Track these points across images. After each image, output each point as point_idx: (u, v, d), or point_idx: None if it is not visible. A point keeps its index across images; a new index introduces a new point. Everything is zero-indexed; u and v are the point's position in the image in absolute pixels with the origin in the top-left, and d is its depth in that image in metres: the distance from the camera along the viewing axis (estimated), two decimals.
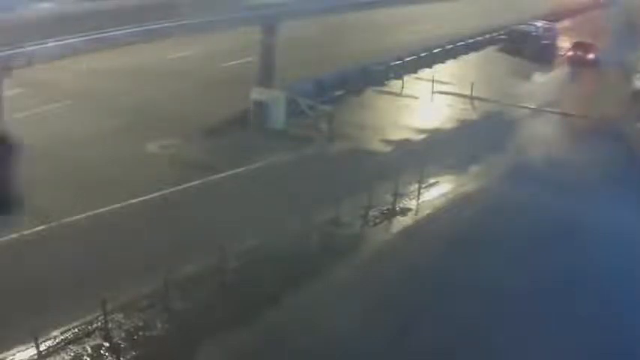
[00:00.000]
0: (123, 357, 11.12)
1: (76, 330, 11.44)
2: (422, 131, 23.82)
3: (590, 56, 36.63)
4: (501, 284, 13.90)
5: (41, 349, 10.88)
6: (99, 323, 11.56)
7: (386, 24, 41.91)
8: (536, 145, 22.95)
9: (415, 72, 31.76)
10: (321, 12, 37.92)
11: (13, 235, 13.81)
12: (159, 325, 11.89)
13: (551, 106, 28.38)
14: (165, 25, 22.22)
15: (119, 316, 11.88)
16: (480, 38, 40.75)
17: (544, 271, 14.69)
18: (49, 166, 16.87)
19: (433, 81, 29.44)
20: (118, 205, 15.53)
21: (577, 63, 36.58)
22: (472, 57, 37.77)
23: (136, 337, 11.53)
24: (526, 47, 38.06)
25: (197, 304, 12.58)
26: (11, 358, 10.78)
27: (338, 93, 26.74)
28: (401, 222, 16.90)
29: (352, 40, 35.58)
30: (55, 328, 11.35)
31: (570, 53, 37.60)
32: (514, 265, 14.68)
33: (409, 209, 17.49)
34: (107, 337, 11.38)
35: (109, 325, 11.55)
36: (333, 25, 37.63)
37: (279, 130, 21.94)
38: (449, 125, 25.08)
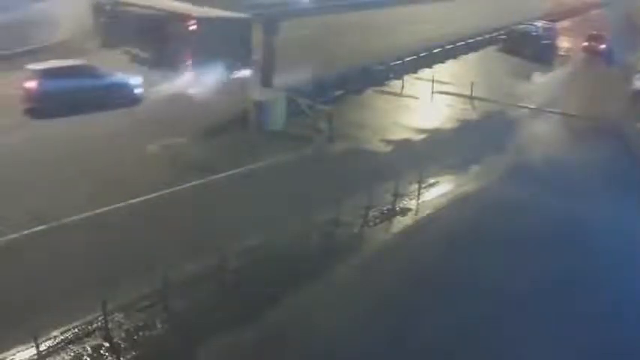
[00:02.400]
0: (123, 357, 11.12)
1: (76, 330, 11.42)
2: (422, 131, 23.84)
3: (602, 46, 40.90)
4: (502, 284, 13.90)
5: (41, 349, 10.86)
6: (99, 323, 11.54)
7: (386, 24, 41.97)
8: (535, 145, 22.95)
9: (415, 72, 31.80)
10: (321, 12, 38.08)
11: None
12: (159, 325, 11.89)
13: (551, 106, 28.39)
14: None
15: (119, 316, 11.88)
16: (479, 38, 40.85)
17: (545, 272, 14.69)
18: None
19: (433, 81, 29.47)
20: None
21: (591, 52, 40.89)
22: (472, 57, 37.82)
23: (136, 337, 11.53)
24: (526, 47, 38.19)
25: (197, 304, 12.57)
26: (11, 358, 10.77)
27: (338, 93, 26.76)
28: (401, 222, 16.90)
29: (352, 40, 35.60)
30: (55, 327, 11.34)
31: (585, 44, 41.61)
32: (514, 266, 14.68)
33: (409, 209, 17.49)
34: (107, 337, 11.38)
35: (109, 325, 11.54)
36: (332, 25, 37.71)
37: (279, 130, 21.93)
38: (449, 125, 25.10)
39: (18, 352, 10.84)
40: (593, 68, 38.14)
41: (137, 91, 23.52)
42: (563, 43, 43.51)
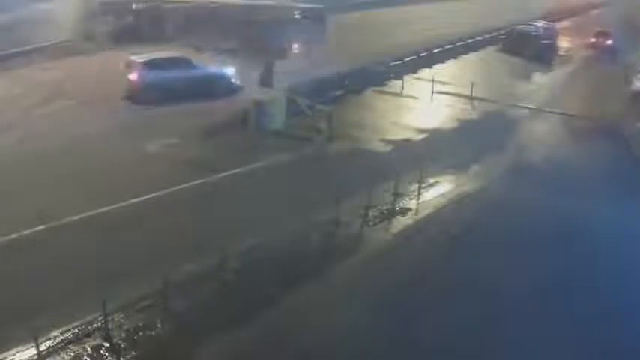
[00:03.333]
0: (123, 357, 11.12)
1: (76, 330, 11.42)
2: (422, 131, 23.83)
3: (609, 42, 42.04)
4: (501, 285, 13.89)
5: (41, 349, 10.86)
6: (99, 323, 11.54)
7: (385, 25, 41.99)
8: (536, 146, 22.96)
9: (415, 72, 31.80)
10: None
11: None
12: (159, 325, 11.89)
13: (550, 106, 28.41)
14: None
15: (119, 316, 11.88)
16: (479, 38, 40.84)
17: (544, 272, 14.68)
18: None
19: (433, 81, 29.47)
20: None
21: (598, 48, 41.94)
22: (472, 57, 37.82)
23: (136, 337, 11.53)
24: (526, 47, 38.18)
25: (197, 304, 12.57)
26: (11, 358, 10.77)
27: (338, 93, 26.76)
28: (401, 222, 16.88)
29: (353, 40, 35.59)
30: (56, 327, 11.34)
31: (593, 40, 42.63)
32: (514, 266, 14.67)
33: (409, 209, 17.48)
34: (107, 337, 11.38)
35: (109, 325, 11.53)
36: (336, 25, 37.64)
37: (279, 130, 21.93)
38: (449, 125, 25.09)
39: (18, 352, 10.84)
40: (593, 68, 38.16)
41: (234, 81, 24.76)
42: (563, 43, 43.52)
